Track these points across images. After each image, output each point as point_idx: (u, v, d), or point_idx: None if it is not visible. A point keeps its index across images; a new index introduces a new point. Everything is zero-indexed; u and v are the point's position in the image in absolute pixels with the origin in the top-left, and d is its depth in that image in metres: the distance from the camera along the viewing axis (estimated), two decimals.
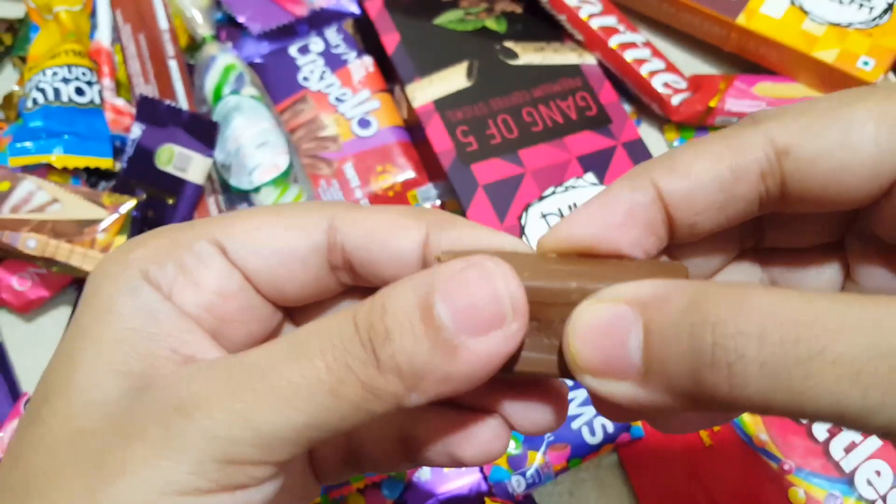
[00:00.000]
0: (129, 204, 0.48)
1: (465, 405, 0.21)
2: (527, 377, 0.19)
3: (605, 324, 0.17)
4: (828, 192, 0.18)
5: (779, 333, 0.14)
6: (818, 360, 0.14)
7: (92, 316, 0.18)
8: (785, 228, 0.21)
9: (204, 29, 0.54)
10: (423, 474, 0.43)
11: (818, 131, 0.17)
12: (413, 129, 0.53)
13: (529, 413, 0.20)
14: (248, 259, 0.20)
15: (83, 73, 0.52)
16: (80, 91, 0.52)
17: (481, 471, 0.44)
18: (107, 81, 0.53)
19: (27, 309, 0.51)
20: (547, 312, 0.18)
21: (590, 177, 0.49)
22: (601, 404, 0.20)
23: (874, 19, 0.52)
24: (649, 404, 0.16)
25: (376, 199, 0.51)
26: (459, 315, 0.17)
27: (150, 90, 0.53)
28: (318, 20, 0.55)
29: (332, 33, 0.55)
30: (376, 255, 0.20)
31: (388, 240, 0.20)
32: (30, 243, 0.47)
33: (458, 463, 0.21)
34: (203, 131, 0.49)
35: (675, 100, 0.53)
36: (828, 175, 0.17)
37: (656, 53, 0.55)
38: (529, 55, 0.54)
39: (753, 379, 0.14)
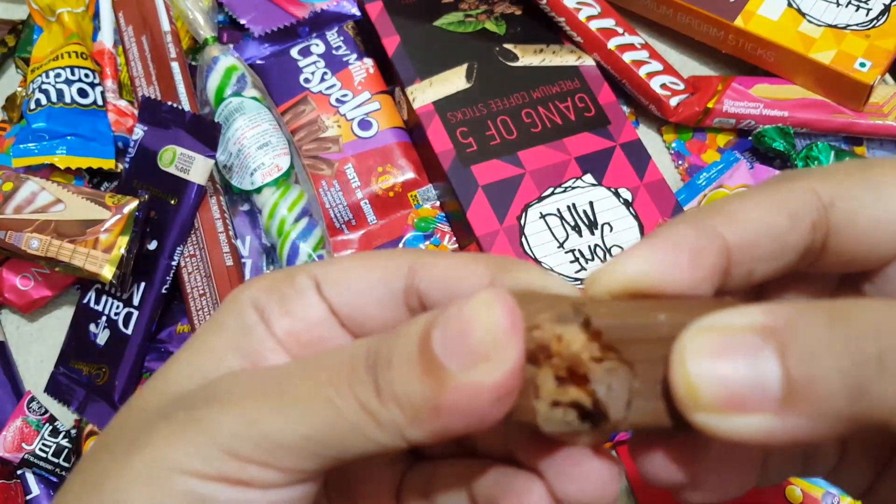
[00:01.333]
0: (132, 204, 0.48)
1: (516, 460, 0.20)
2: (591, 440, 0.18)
3: (726, 348, 0.15)
4: (864, 246, 0.18)
5: None
6: None
7: (207, 327, 0.21)
8: (788, 287, 0.21)
9: (206, 31, 0.54)
10: None
11: (856, 187, 0.18)
12: (413, 131, 0.53)
13: (577, 485, 0.18)
14: (337, 294, 0.21)
15: (86, 75, 0.53)
16: (83, 92, 0.52)
17: None
18: (109, 83, 0.54)
19: (30, 309, 0.51)
20: (627, 352, 0.16)
21: (588, 177, 0.50)
22: (682, 495, 0.19)
23: (871, 21, 0.53)
24: (788, 438, 0.15)
25: (376, 199, 0.51)
26: (449, 343, 0.16)
27: (152, 91, 0.53)
28: (319, 22, 0.55)
29: (332, 35, 0.56)
30: (445, 297, 0.20)
31: (457, 282, 0.20)
32: (33, 243, 0.47)
33: None
34: (205, 132, 0.50)
35: (674, 101, 0.54)
36: (867, 229, 0.18)
37: (654, 55, 0.55)
38: (529, 57, 0.54)
39: None
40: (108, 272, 0.47)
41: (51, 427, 0.48)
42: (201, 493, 0.18)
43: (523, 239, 0.48)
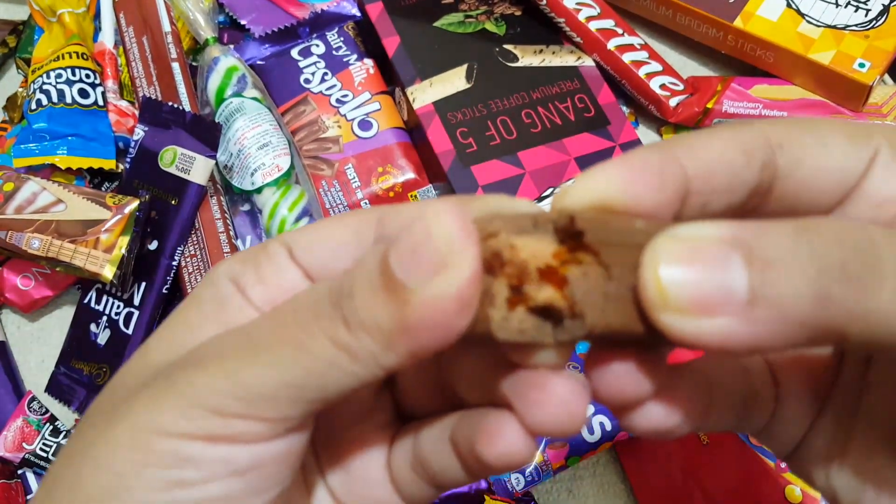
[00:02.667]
0: (133, 204, 0.48)
1: (496, 404, 0.20)
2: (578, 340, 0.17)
3: (696, 255, 0.16)
4: (807, 191, 0.19)
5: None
6: None
7: (183, 303, 0.22)
8: None
9: (206, 31, 0.54)
10: None
11: (803, 134, 0.19)
12: (413, 131, 0.53)
13: (543, 410, 0.19)
14: (310, 257, 0.21)
15: (87, 75, 0.53)
16: (83, 93, 0.52)
17: None
18: (110, 83, 0.54)
19: (31, 308, 0.51)
20: (604, 255, 0.17)
21: None
22: (633, 419, 0.20)
23: (870, 22, 0.53)
24: (750, 341, 0.15)
25: (377, 199, 0.51)
26: (406, 262, 0.16)
27: (153, 92, 0.53)
28: (320, 23, 0.56)
29: (333, 36, 0.56)
30: None
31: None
32: (34, 243, 0.47)
33: (483, 466, 0.20)
34: (206, 133, 0.50)
35: (673, 101, 0.54)
36: (812, 175, 0.19)
37: (654, 56, 0.55)
38: (528, 57, 0.54)
39: (889, 285, 0.15)
40: (108, 272, 0.47)
41: (51, 427, 0.48)
42: (188, 452, 0.18)
43: None
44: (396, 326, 0.17)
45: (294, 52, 0.55)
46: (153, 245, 0.49)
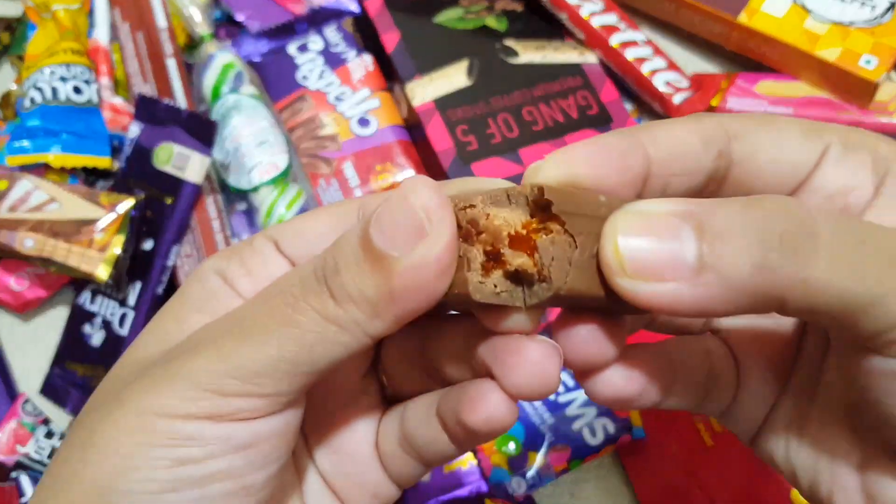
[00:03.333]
0: (127, 203, 0.48)
1: (478, 377, 0.22)
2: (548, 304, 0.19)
3: (650, 227, 0.17)
4: (760, 181, 0.21)
5: (836, 224, 0.17)
6: (878, 235, 0.17)
7: (172, 299, 0.23)
8: None
9: (202, 27, 0.53)
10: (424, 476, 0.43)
11: (758, 127, 0.21)
12: (413, 128, 0.52)
13: (520, 372, 0.20)
14: (296, 248, 0.22)
15: (81, 72, 0.52)
16: (77, 90, 0.51)
17: (481, 472, 0.44)
18: (105, 80, 0.53)
19: (24, 309, 0.51)
20: (571, 224, 0.18)
21: None
22: (594, 383, 0.21)
23: (876, 18, 0.52)
24: (697, 305, 0.17)
25: None
26: (387, 233, 0.18)
27: (148, 89, 0.52)
28: (318, 18, 0.55)
29: (331, 31, 0.55)
30: None
31: None
32: (27, 243, 0.47)
33: (468, 433, 0.21)
34: (201, 130, 0.49)
35: (677, 98, 0.53)
36: (765, 165, 0.21)
37: (658, 52, 0.55)
38: (530, 54, 0.54)
39: (823, 255, 0.17)
40: (103, 272, 0.46)
41: (45, 429, 0.47)
42: (189, 431, 0.19)
43: None
44: (382, 295, 0.18)
45: (291, 49, 0.54)
46: (148, 245, 0.49)
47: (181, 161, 0.49)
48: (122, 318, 0.48)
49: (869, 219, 0.20)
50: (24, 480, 0.46)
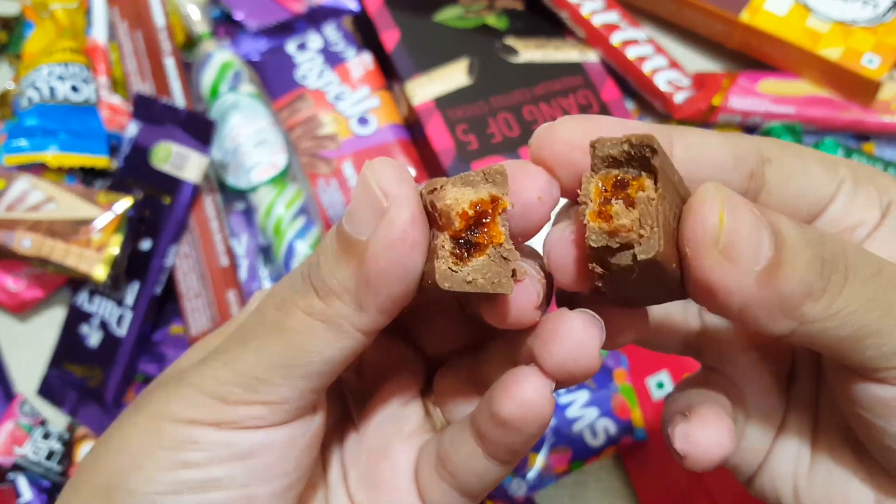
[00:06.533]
0: (125, 203, 0.47)
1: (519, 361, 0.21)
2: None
3: (747, 212, 0.18)
4: (788, 208, 0.21)
5: (858, 256, 0.19)
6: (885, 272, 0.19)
7: (230, 321, 0.24)
8: None
9: (201, 26, 0.53)
10: None
11: (791, 156, 0.21)
12: (413, 128, 0.52)
13: (560, 342, 0.19)
14: None
15: (79, 71, 0.52)
16: (75, 89, 0.51)
17: None
18: (102, 79, 0.53)
19: (22, 309, 0.51)
20: (666, 189, 0.18)
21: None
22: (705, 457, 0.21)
23: (879, 17, 0.52)
24: (751, 301, 0.18)
25: None
26: (353, 220, 0.18)
27: (146, 88, 0.52)
28: (317, 17, 0.55)
29: (330, 30, 0.55)
30: None
31: None
32: (24, 243, 0.47)
33: (502, 431, 0.20)
34: (200, 129, 0.49)
35: (679, 97, 0.53)
36: (796, 193, 0.21)
37: (659, 50, 0.54)
38: (530, 52, 0.53)
39: (842, 287, 0.18)
40: (100, 272, 0.46)
41: (43, 430, 0.47)
42: (192, 436, 0.19)
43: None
44: (360, 281, 0.18)
45: (290, 47, 0.54)
46: (146, 245, 0.48)
47: (179, 160, 0.49)
48: (120, 319, 0.48)
49: (869, 248, 0.21)
50: (21, 482, 0.46)
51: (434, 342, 0.25)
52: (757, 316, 0.18)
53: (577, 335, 0.19)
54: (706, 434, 0.21)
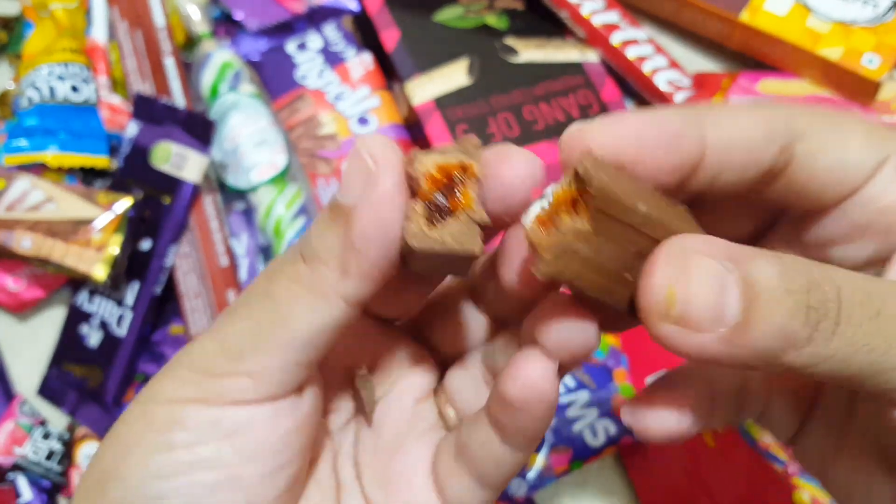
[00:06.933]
0: (125, 203, 0.47)
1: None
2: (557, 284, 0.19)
3: (702, 274, 0.17)
4: (816, 184, 0.20)
5: (852, 295, 0.17)
6: (882, 317, 0.17)
7: None
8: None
9: (200, 26, 0.53)
10: None
11: (826, 127, 0.20)
12: (413, 127, 0.52)
13: (562, 333, 0.20)
14: None
15: (79, 71, 0.52)
16: (75, 89, 0.51)
17: None
18: (102, 79, 0.53)
19: (22, 309, 0.51)
20: (609, 229, 0.18)
21: None
22: (649, 424, 0.21)
23: (879, 17, 0.52)
24: (716, 358, 0.17)
25: None
26: (344, 188, 0.19)
27: (146, 88, 0.52)
28: (317, 17, 0.54)
29: (330, 30, 0.55)
30: None
31: None
32: (24, 243, 0.47)
33: (507, 404, 0.20)
34: (200, 129, 0.49)
35: (678, 97, 0.53)
36: (825, 168, 0.20)
37: (659, 50, 0.54)
38: (531, 52, 0.53)
39: (840, 334, 0.17)
40: (100, 272, 0.46)
41: (43, 430, 0.47)
42: (179, 416, 0.19)
43: None
44: (345, 245, 0.19)
45: (290, 47, 0.54)
46: (146, 244, 0.48)
47: (179, 160, 0.49)
48: (120, 319, 0.48)
49: None
50: (21, 482, 0.46)
51: (446, 341, 0.25)
52: (732, 364, 0.17)
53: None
54: (651, 413, 0.21)
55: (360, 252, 0.19)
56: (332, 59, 0.53)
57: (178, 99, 0.51)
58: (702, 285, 0.17)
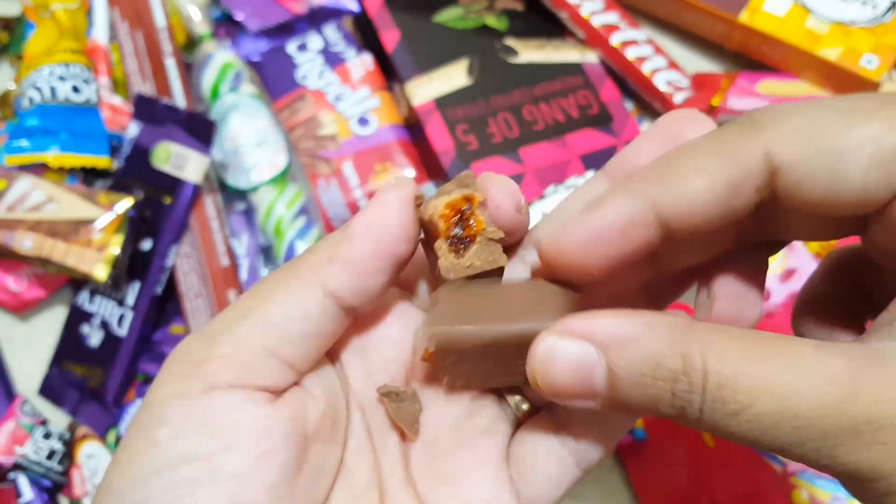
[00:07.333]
0: (126, 203, 0.47)
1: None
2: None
3: (571, 361, 0.18)
4: (815, 209, 0.18)
5: (715, 391, 0.17)
6: (742, 414, 0.17)
7: None
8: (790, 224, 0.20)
9: (201, 26, 0.53)
10: None
11: (813, 154, 0.17)
12: (413, 128, 0.52)
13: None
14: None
15: (80, 72, 0.52)
16: (76, 89, 0.51)
17: None
18: (103, 79, 0.53)
19: (23, 309, 0.51)
20: (470, 356, 0.21)
21: (590, 175, 0.49)
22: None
23: (878, 17, 0.52)
24: (607, 408, 0.19)
25: None
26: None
27: (147, 88, 0.52)
28: (317, 17, 0.55)
29: (330, 31, 0.55)
30: None
31: None
32: (26, 243, 0.47)
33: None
34: (200, 130, 0.49)
35: (678, 98, 0.53)
36: (815, 197, 0.18)
37: (658, 51, 0.54)
38: (530, 53, 0.53)
39: (696, 420, 0.17)
40: (101, 272, 0.46)
41: (44, 430, 0.47)
42: (163, 412, 0.19)
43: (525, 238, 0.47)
44: (340, 238, 0.20)
45: (291, 48, 0.54)
46: (147, 245, 0.48)
47: (180, 161, 0.49)
48: (121, 319, 0.48)
49: None
50: (22, 481, 0.46)
51: None
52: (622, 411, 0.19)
53: None
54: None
55: (350, 242, 0.20)
56: (333, 59, 0.54)
57: (179, 99, 0.51)
58: (561, 372, 0.18)
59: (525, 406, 0.24)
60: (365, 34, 0.55)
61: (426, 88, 0.51)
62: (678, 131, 0.21)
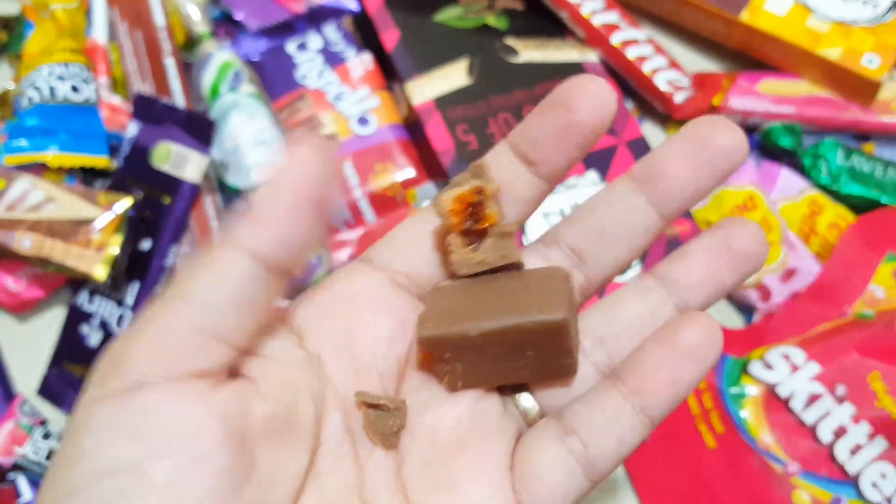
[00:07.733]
0: (125, 203, 0.47)
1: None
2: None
3: None
4: None
5: None
6: None
7: None
8: None
9: (201, 26, 0.53)
10: None
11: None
12: (413, 128, 0.52)
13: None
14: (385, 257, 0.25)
15: (79, 71, 0.52)
16: (75, 89, 0.51)
17: None
18: (103, 79, 0.53)
19: (22, 309, 0.51)
20: (466, 356, 0.21)
21: (591, 175, 0.49)
22: None
23: (879, 17, 0.52)
24: None
25: (375, 198, 0.50)
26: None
27: (146, 88, 0.52)
28: (317, 17, 0.55)
29: (330, 30, 0.55)
30: None
31: None
32: (25, 243, 0.47)
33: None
34: (200, 129, 0.49)
35: (679, 97, 0.53)
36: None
37: (659, 50, 0.54)
38: (530, 52, 0.53)
39: None
40: (101, 272, 0.46)
41: (43, 430, 0.47)
42: (87, 420, 0.18)
43: (524, 238, 0.47)
44: (260, 199, 0.19)
45: (290, 47, 0.54)
46: (146, 244, 0.48)
47: (179, 160, 0.49)
48: (120, 319, 0.48)
49: None
50: (22, 482, 0.46)
51: None
52: None
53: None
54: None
55: (270, 197, 0.18)
56: (333, 59, 0.53)
57: (179, 99, 0.51)
58: None
59: (531, 406, 0.22)
60: (365, 34, 0.55)
61: (426, 88, 0.51)
62: (707, 138, 0.22)
